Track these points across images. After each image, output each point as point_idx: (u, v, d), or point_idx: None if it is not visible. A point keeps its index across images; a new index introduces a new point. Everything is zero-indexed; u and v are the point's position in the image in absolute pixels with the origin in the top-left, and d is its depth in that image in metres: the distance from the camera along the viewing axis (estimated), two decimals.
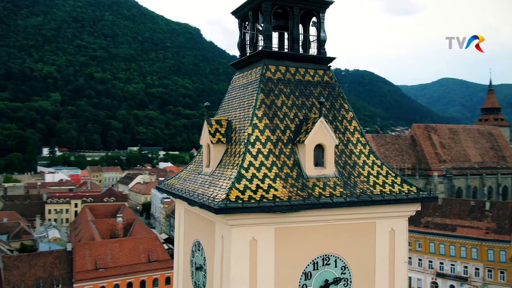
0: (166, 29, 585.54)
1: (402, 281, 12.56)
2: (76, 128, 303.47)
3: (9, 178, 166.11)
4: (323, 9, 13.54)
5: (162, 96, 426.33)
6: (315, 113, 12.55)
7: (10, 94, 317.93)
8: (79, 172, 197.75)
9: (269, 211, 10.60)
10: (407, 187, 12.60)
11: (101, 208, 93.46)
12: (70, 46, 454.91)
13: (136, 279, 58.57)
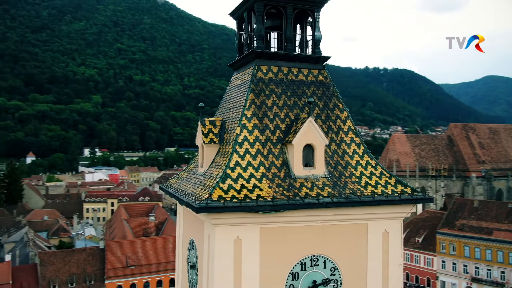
0: (203, 31, 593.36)
1: (397, 284, 12.30)
2: (115, 129, 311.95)
3: (51, 178, 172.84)
4: (318, 8, 13.42)
5: (199, 97, 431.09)
6: (306, 113, 12.48)
7: (54, 97, 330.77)
8: (118, 172, 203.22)
9: (251, 210, 10.64)
10: (401, 187, 12.32)
11: (136, 207, 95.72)
12: (111, 50, 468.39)
13: (166, 277, 59.64)
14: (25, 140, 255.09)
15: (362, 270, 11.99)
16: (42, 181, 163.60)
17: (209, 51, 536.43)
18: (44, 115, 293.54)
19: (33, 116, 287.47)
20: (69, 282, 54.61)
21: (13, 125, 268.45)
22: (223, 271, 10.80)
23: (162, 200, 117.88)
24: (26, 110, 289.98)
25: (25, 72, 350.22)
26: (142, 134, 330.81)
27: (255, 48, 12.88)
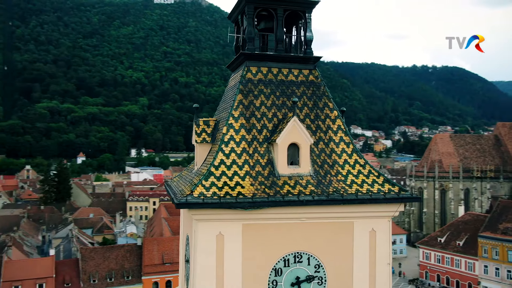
0: None
1: (385, 283, 12.29)
2: (161, 131, 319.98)
3: (99, 177, 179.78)
4: (309, 9, 13.61)
5: None
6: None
7: (103, 99, 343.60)
8: (162, 172, 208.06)
9: (230, 207, 11.01)
10: (389, 186, 12.30)
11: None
12: (157, 53, 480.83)
13: None
14: (76, 141, 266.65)
15: (348, 268, 12.07)
16: (91, 181, 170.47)
17: None
18: (94, 117, 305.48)
19: (84, 118, 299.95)
20: (108, 277, 56.91)
21: (65, 127, 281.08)
22: (205, 266, 11.23)
23: None
24: (77, 113, 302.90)
25: (76, 76, 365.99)
26: (186, 135, 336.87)
27: (245, 50, 13.25)
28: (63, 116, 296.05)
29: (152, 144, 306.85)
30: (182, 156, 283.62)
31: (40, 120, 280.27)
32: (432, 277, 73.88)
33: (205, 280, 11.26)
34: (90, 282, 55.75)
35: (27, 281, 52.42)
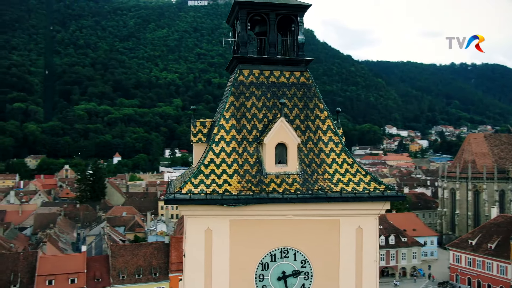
0: None
1: (371, 279, 12.57)
2: None
3: (133, 177, 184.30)
4: (300, 13, 14.03)
5: None
6: (284, 113, 13.17)
7: (138, 101, 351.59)
8: None
9: (216, 203, 11.59)
10: (375, 185, 12.57)
11: None
12: (191, 55, 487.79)
13: None
14: (113, 142, 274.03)
15: (335, 264, 12.42)
16: (126, 180, 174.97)
17: None
18: (129, 118, 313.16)
19: (120, 119, 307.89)
20: (136, 273, 58.68)
21: (102, 128, 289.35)
22: (194, 259, 11.87)
23: None
24: (114, 114, 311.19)
25: (113, 79, 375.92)
26: None
27: (238, 54, 13.83)
28: (100, 118, 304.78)
29: (185, 144, 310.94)
30: None
31: (79, 121, 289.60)
32: (462, 280, 72.20)
33: (194, 273, 11.90)
34: (119, 278, 57.68)
35: (60, 276, 54.77)
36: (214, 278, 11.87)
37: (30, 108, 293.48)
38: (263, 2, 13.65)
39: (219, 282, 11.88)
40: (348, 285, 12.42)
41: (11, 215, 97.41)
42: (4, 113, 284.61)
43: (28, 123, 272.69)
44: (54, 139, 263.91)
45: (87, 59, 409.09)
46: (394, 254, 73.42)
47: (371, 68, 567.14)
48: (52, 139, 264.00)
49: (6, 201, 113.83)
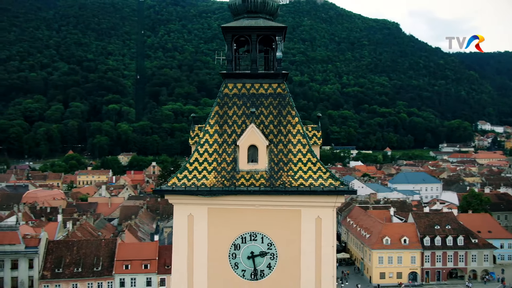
0: (363, 27, 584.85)
1: (329, 262, 14.62)
2: None
3: None
4: (278, 34, 16.35)
5: (357, 95, 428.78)
6: (262, 120, 15.64)
7: None
8: None
9: (192, 194, 14.41)
10: (331, 181, 14.58)
11: None
12: None
13: None
14: None
15: (297, 248, 14.67)
16: None
17: (369, 47, 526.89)
18: None
19: (204, 119, 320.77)
20: None
21: (187, 127, 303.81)
22: (179, 239, 14.79)
23: None
24: (198, 113, 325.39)
25: (198, 79, 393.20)
26: None
27: (223, 70, 16.49)
28: (185, 117, 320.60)
29: None
30: None
31: (166, 120, 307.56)
32: None
33: (179, 250, 14.81)
34: None
35: (135, 261, 60.99)
36: (196, 255, 14.69)
37: (123, 109, 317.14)
38: (245, 26, 16.18)
39: (199, 258, 14.69)
40: (308, 266, 14.60)
41: (102, 207, 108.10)
42: (100, 114, 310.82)
43: (121, 123, 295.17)
44: (144, 138, 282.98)
45: (174, 61, 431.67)
46: (463, 255, 71.06)
47: (463, 60, 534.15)
48: (142, 138, 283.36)
49: (99, 194, 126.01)
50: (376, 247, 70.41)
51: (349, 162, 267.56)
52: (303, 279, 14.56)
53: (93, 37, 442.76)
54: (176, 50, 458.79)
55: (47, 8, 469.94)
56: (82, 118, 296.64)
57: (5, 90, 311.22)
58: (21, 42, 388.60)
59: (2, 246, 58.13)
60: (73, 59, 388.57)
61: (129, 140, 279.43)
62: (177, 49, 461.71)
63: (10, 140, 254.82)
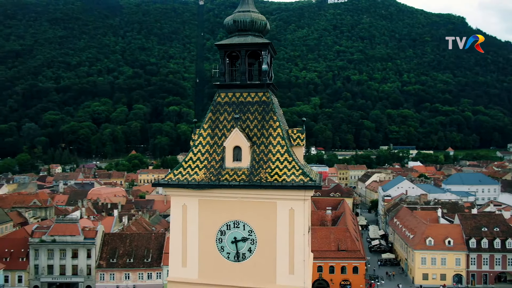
0: (425, 22, 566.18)
1: (300, 248, 16.76)
2: (331, 129, 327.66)
3: None
4: (264, 49, 18.71)
5: (418, 93, 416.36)
6: (247, 125, 18.10)
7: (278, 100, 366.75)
8: (327, 169, 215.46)
9: (184, 187, 17.14)
10: (302, 177, 16.71)
11: (323, 201, 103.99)
12: (330, 52, 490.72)
13: (326, 264, 66.00)
14: None
15: (273, 235, 16.95)
16: None
17: (432, 43, 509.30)
18: None
19: None
20: None
21: None
22: (175, 226, 17.58)
23: (354, 196, 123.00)
24: None
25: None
26: (356, 133, 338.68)
27: (216, 82, 19.11)
28: None
29: (322, 142, 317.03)
30: (351, 154, 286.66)
31: None
32: None
33: (175, 235, 17.59)
34: None
35: None
36: (188, 239, 17.40)
37: (183, 110, 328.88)
38: (234, 43, 18.72)
39: (191, 242, 17.39)
40: (283, 251, 16.83)
41: (158, 204, 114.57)
42: (162, 116, 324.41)
43: (181, 124, 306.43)
44: None
45: None
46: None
47: None
48: None
49: (156, 192, 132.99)
50: (418, 247, 70.06)
51: (408, 163, 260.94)
52: (278, 262, 16.83)
53: (156, 41, 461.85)
54: None
55: (113, 15, 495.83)
56: (145, 119, 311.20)
57: (75, 94, 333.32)
58: (90, 48, 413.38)
59: (64, 237, 64.46)
60: (137, 63, 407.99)
61: (188, 140, 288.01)
62: None
63: (80, 140, 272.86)
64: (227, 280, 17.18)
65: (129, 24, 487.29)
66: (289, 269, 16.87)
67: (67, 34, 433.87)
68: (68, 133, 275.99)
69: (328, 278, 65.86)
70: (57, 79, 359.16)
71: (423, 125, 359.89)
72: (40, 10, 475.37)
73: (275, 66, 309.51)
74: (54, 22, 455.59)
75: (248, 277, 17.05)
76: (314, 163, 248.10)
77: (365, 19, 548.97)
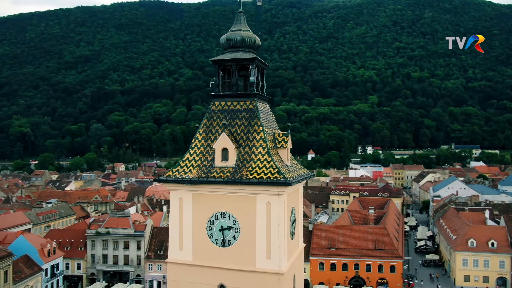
0: (494, 15, 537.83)
1: (275, 236, 19.32)
2: (389, 128, 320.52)
3: (320, 172, 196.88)
4: (251, 63, 21.43)
5: (484, 90, 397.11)
6: (236, 129, 20.95)
7: (334, 99, 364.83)
8: (382, 169, 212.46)
9: (178, 182, 20.28)
10: (276, 175, 19.29)
11: (370, 201, 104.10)
12: (389, 49, 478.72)
13: (362, 262, 67.10)
14: (308, 140, 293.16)
15: (253, 224, 19.67)
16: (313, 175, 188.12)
17: (500, 36, 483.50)
18: (325, 117, 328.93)
19: (316, 118, 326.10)
20: None
21: (299, 127, 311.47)
22: (174, 216, 20.78)
23: (403, 196, 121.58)
24: (310, 113, 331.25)
25: (312, 80, 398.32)
26: (416, 131, 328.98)
27: (211, 93, 22.10)
28: (298, 117, 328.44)
29: (379, 141, 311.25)
30: (408, 154, 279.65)
31: (279, 121, 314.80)
32: None
33: (173, 223, 20.79)
34: None
35: None
36: (184, 227, 20.51)
37: None
38: (225, 59, 21.61)
39: (187, 229, 20.50)
40: (261, 238, 19.51)
41: None
42: None
43: None
44: None
45: (289, 63, 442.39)
46: None
47: None
48: None
49: None
50: (460, 249, 69.22)
51: (470, 163, 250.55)
52: (257, 248, 19.52)
53: (214, 43, 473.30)
54: (291, 52, 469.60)
55: (174, 19, 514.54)
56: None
57: (138, 96, 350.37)
58: (152, 52, 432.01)
59: (117, 229, 70.35)
60: (196, 65, 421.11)
61: None
62: (292, 50, 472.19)
63: (142, 140, 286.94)
64: (215, 262, 20.11)
65: (189, 27, 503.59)
66: (266, 255, 19.52)
67: (131, 39, 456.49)
68: (131, 133, 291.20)
69: (364, 276, 66.93)
70: (122, 82, 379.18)
71: (488, 123, 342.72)
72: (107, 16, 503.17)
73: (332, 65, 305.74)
74: (119, 28, 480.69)
75: (233, 260, 19.88)
76: (370, 163, 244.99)
77: (427, 14, 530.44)
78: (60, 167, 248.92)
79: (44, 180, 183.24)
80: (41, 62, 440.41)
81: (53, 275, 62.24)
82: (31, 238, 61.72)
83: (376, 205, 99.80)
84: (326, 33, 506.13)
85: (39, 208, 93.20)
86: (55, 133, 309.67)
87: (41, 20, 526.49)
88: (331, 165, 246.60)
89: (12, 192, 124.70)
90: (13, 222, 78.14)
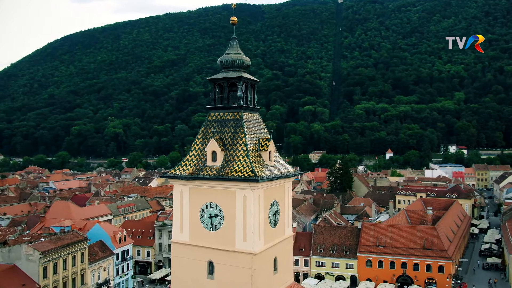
0: None
1: (249, 223, 23.76)
2: (476, 126, 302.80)
3: (394, 172, 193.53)
4: (239, 81, 25.99)
5: None
6: (225, 136, 25.66)
7: (417, 97, 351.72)
8: (463, 169, 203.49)
9: (176, 178, 25.42)
10: (250, 173, 23.69)
11: (435, 202, 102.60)
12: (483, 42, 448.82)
13: (410, 261, 68.02)
14: (387, 139, 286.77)
15: (234, 214, 24.27)
16: (387, 175, 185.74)
17: None
18: (405, 115, 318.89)
19: (396, 117, 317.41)
20: (331, 249, 71.91)
21: (378, 125, 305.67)
22: (176, 205, 26.02)
23: (473, 198, 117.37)
24: (390, 112, 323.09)
25: (393, 77, 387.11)
26: (507, 129, 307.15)
27: (208, 105, 26.97)
28: (377, 116, 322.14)
29: (464, 140, 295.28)
30: (496, 153, 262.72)
31: (357, 120, 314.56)
32: None
33: (176, 212, 26.03)
34: (318, 251, 72.25)
35: None
36: (183, 214, 25.64)
37: (317, 110, 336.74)
38: (219, 78, 26.42)
39: (185, 216, 25.61)
40: (240, 225, 24.05)
41: None
42: (297, 115, 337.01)
43: (314, 123, 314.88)
44: (334, 137, 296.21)
45: (370, 60, 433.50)
46: None
47: None
48: (333, 137, 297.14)
49: None
50: None
51: None
52: (236, 232, 24.09)
53: (294, 43, 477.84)
54: (372, 49, 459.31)
55: (255, 21, 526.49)
56: (281, 119, 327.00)
57: None
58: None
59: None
60: (276, 65, 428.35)
61: (320, 139, 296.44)
62: (374, 47, 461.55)
63: None
64: (206, 243, 25.03)
65: (269, 28, 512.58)
66: (243, 238, 24.06)
67: (214, 42, 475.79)
68: None
69: (412, 275, 67.81)
70: (205, 84, 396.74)
71: None
72: (192, 21, 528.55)
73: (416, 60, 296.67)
74: (203, 32, 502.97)
75: (219, 241, 24.68)
76: (452, 163, 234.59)
77: None
78: (147, 165, 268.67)
79: (132, 177, 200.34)
80: (133, 67, 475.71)
81: (123, 259, 70.97)
82: (105, 227, 71.01)
83: (440, 206, 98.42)
84: (410, 27, 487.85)
85: (120, 202, 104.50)
86: (144, 133, 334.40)
87: (133, 28, 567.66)
88: (410, 165, 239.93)
89: (102, 187, 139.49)
90: (97, 213, 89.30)
